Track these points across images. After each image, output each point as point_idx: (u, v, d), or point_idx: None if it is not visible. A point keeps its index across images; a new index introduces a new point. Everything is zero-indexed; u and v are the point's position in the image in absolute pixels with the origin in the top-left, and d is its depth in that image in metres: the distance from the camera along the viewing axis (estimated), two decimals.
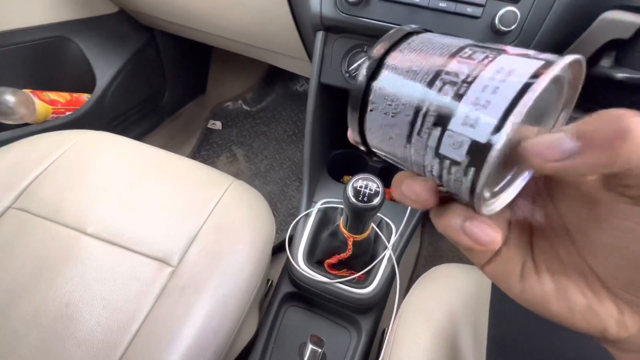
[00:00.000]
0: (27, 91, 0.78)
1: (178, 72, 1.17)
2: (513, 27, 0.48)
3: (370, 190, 0.49)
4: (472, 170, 0.14)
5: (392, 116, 0.16)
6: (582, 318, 0.16)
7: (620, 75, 0.53)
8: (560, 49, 0.56)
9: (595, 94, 0.64)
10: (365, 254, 0.63)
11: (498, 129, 0.13)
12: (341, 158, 0.84)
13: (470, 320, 0.49)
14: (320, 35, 0.60)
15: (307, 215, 0.70)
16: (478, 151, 0.13)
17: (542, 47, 0.51)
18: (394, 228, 0.68)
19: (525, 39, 0.50)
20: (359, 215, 0.51)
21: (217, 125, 1.31)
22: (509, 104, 0.13)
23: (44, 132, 0.67)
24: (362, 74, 0.17)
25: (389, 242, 0.66)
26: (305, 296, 0.67)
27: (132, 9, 0.91)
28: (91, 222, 0.53)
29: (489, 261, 0.18)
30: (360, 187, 0.49)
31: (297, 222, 0.70)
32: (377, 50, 0.17)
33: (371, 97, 0.17)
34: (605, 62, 0.55)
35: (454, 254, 1.03)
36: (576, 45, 0.55)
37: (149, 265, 0.51)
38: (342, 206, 0.54)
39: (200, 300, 0.49)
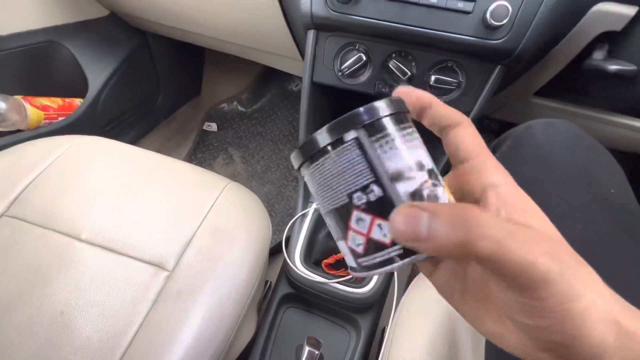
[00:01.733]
0: (19, 97, 0.77)
1: (172, 74, 1.16)
2: (505, 21, 0.48)
3: None
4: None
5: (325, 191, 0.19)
6: (498, 342, 0.19)
7: (613, 67, 0.52)
8: (552, 42, 0.55)
9: (587, 86, 0.64)
10: None
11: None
12: None
13: None
14: (311, 34, 0.59)
15: (304, 216, 0.70)
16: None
17: (534, 41, 0.50)
18: None
19: (517, 33, 0.50)
20: None
21: (213, 127, 1.30)
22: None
23: (37, 138, 0.66)
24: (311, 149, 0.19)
25: None
26: (303, 297, 0.67)
27: (123, 11, 0.90)
28: (85, 228, 0.53)
29: (429, 274, 0.22)
30: None
31: (293, 223, 0.70)
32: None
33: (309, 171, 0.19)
34: (598, 55, 0.55)
35: None
36: (568, 38, 0.55)
37: (145, 270, 0.50)
38: None
39: (197, 304, 0.49)
